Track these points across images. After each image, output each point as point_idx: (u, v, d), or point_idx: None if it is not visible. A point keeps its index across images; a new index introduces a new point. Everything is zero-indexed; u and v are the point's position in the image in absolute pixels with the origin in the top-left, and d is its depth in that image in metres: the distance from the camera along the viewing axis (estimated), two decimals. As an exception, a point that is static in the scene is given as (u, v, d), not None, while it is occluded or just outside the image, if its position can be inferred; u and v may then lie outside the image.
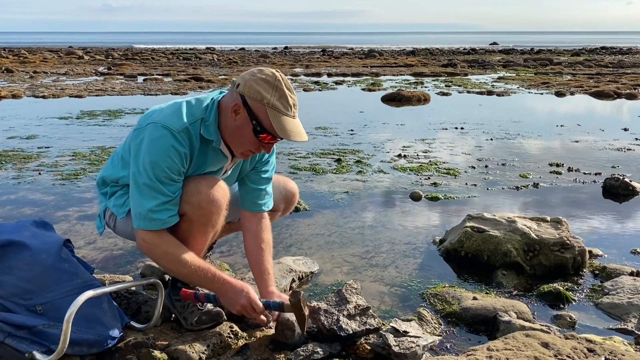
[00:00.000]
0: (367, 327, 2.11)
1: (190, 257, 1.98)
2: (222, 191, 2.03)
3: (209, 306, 2.17)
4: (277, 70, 1.98)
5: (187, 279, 2.09)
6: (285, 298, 2.14)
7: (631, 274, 2.81)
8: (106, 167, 2.23)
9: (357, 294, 2.24)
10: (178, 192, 1.97)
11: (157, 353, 1.97)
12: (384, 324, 2.23)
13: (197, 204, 1.98)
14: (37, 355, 1.75)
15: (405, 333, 2.03)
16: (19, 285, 1.85)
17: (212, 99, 2.06)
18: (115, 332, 1.96)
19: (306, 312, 1.99)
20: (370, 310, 2.18)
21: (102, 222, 2.28)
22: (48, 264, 1.93)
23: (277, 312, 2.12)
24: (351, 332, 2.07)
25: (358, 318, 2.14)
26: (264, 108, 1.92)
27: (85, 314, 1.87)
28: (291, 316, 2.10)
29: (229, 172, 2.24)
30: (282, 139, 1.97)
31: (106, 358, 1.94)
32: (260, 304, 2.02)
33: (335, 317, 2.11)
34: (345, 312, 2.14)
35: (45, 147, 6.05)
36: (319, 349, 2.01)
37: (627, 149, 6.19)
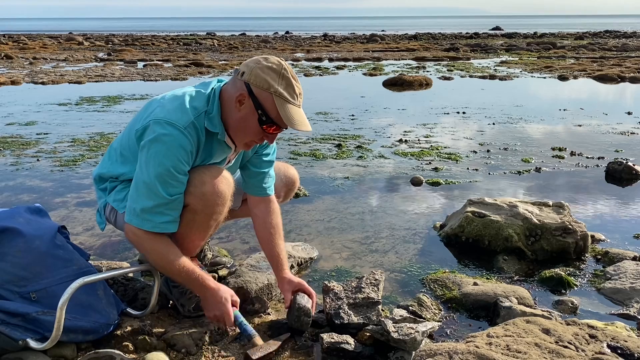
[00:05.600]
0: (364, 321, 2.07)
1: (177, 256, 1.93)
2: (226, 182, 1.98)
3: None
4: (281, 58, 1.93)
5: (172, 277, 2.04)
6: (297, 282, 2.12)
7: (634, 258, 2.78)
8: (103, 163, 2.17)
9: (375, 285, 2.21)
10: (177, 196, 1.89)
11: (154, 340, 1.95)
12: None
13: (201, 196, 1.92)
14: (31, 342, 1.73)
15: (404, 319, 2.00)
16: (12, 272, 1.82)
17: (212, 88, 1.99)
18: (111, 319, 1.95)
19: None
20: (380, 306, 2.13)
21: (102, 218, 2.24)
22: (42, 251, 1.91)
23: (290, 298, 2.09)
24: (346, 322, 2.05)
25: (362, 310, 2.11)
26: (270, 97, 1.87)
27: (80, 301, 1.85)
28: (307, 302, 2.07)
29: (232, 161, 2.20)
30: (286, 128, 1.93)
31: (102, 345, 1.92)
32: (232, 319, 1.96)
33: (339, 304, 2.09)
34: (351, 301, 2.11)
35: (44, 134, 6.03)
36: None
37: (631, 133, 6.13)
